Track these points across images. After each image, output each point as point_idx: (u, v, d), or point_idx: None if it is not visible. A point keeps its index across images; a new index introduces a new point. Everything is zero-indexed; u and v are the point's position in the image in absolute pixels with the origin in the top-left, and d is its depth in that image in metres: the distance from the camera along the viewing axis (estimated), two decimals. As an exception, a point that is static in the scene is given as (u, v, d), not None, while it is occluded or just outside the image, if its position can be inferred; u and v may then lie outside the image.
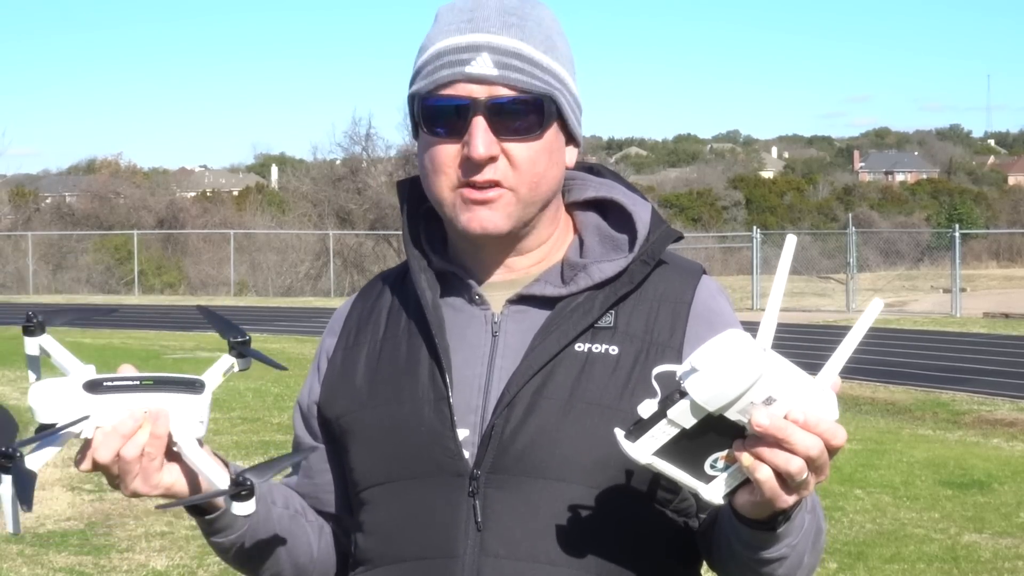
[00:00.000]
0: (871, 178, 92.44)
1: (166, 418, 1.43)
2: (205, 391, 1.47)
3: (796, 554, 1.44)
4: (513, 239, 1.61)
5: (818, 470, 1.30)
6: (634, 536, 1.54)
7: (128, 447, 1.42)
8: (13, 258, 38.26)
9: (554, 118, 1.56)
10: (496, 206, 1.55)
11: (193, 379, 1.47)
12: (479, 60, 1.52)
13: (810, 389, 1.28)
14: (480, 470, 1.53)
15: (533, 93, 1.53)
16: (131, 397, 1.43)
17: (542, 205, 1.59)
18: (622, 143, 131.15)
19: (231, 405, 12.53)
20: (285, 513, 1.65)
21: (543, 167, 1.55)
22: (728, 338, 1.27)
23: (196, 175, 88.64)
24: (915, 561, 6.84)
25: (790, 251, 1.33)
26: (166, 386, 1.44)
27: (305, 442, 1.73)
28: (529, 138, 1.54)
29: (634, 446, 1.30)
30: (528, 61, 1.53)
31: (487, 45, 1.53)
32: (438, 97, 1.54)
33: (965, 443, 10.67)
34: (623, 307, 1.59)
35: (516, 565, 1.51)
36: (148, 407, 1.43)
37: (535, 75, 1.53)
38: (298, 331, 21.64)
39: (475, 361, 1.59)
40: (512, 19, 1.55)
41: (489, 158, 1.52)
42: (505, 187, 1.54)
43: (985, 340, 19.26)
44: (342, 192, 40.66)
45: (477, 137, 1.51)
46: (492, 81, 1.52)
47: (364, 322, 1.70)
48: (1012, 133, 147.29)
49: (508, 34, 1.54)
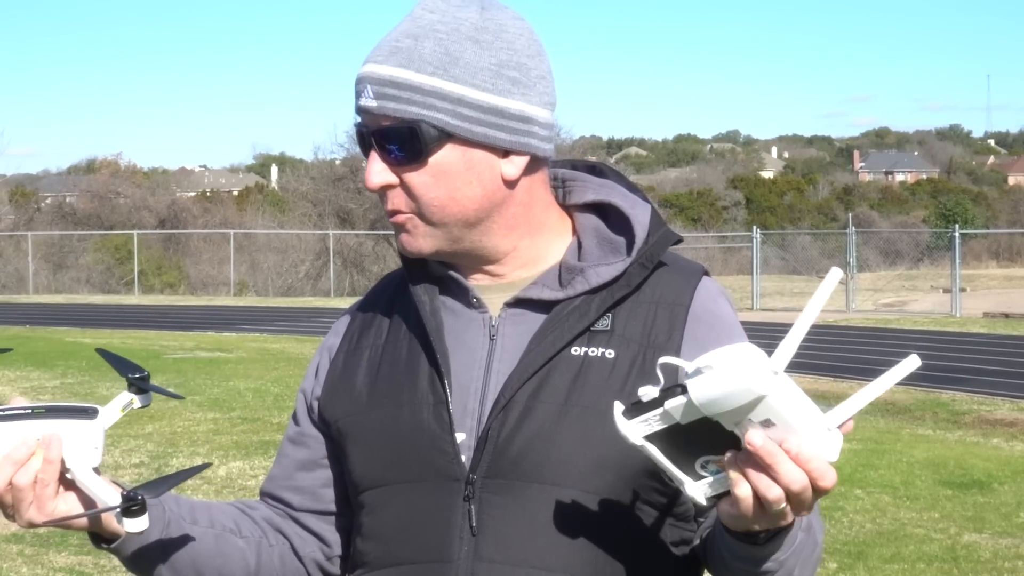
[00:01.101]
0: (871, 178, 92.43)
1: (59, 443, 1.43)
2: (98, 417, 1.46)
3: (785, 571, 1.42)
4: (465, 254, 1.60)
5: (798, 505, 1.29)
6: (630, 541, 1.54)
7: (20, 474, 1.43)
8: (13, 258, 38.25)
9: (437, 141, 1.52)
10: (407, 228, 1.57)
11: (86, 407, 1.47)
12: (364, 92, 1.54)
13: (814, 424, 1.27)
14: (476, 474, 1.53)
15: (406, 120, 1.51)
16: (23, 425, 1.43)
17: (466, 223, 1.57)
18: (622, 143, 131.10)
19: (231, 405, 12.54)
20: (209, 532, 1.64)
21: (443, 191, 1.54)
22: (743, 350, 1.26)
23: (196, 175, 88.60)
24: (915, 561, 6.84)
25: (832, 284, 1.30)
26: (58, 413, 1.45)
27: (309, 431, 1.72)
28: (414, 165, 1.53)
29: (628, 424, 1.31)
30: (404, 87, 1.51)
31: (370, 76, 1.53)
32: (355, 126, 1.58)
33: (965, 443, 10.67)
34: (620, 310, 1.59)
35: (510, 570, 1.50)
36: (40, 434, 1.43)
37: (412, 100, 1.51)
38: (298, 331, 21.65)
39: (473, 365, 1.59)
40: (405, 42, 1.53)
41: (382, 187, 1.55)
42: (408, 212, 1.56)
43: (985, 340, 19.26)
44: (342, 192, 40.66)
45: (369, 169, 1.55)
46: (373, 112, 1.53)
47: (367, 326, 1.70)
48: (1012, 133, 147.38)
49: (390, 62, 1.52)
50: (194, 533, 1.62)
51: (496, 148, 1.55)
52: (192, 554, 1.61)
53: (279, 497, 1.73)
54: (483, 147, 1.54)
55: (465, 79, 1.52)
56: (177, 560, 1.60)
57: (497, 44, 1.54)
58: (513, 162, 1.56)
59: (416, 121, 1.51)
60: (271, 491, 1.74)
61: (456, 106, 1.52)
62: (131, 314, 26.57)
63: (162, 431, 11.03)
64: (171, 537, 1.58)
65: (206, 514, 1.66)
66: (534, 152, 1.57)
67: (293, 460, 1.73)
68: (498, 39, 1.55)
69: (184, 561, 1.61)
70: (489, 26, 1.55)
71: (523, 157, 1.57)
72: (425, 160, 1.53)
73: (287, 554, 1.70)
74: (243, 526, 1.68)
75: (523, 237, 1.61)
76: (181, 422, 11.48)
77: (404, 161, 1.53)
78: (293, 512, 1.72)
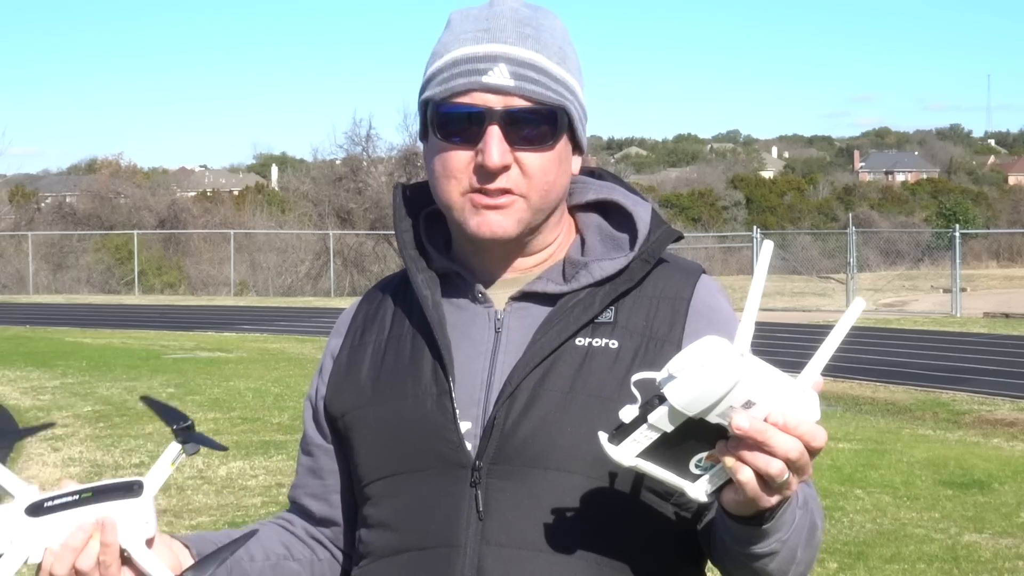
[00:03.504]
0: (871, 178, 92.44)
1: (114, 527, 1.45)
2: (145, 492, 1.48)
3: (787, 549, 1.45)
4: (519, 243, 1.63)
5: (799, 471, 1.31)
6: (634, 527, 1.56)
7: (83, 559, 1.44)
8: (14, 258, 38.27)
9: (565, 129, 1.59)
10: (507, 211, 1.58)
11: (131, 482, 1.49)
12: (496, 70, 1.54)
13: (791, 391, 1.29)
14: (482, 461, 1.55)
15: (547, 105, 1.56)
16: (75, 513, 1.45)
17: (550, 212, 1.62)
18: (622, 143, 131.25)
19: (231, 405, 12.54)
20: (266, 564, 1.68)
21: (554, 176, 1.59)
22: (705, 344, 1.29)
23: (196, 175, 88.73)
24: (915, 561, 6.84)
25: (767, 256, 1.34)
26: (106, 495, 1.46)
27: (315, 440, 1.75)
28: (542, 148, 1.57)
29: (617, 449, 1.32)
30: (543, 73, 1.56)
31: (504, 56, 1.55)
32: (453, 104, 1.57)
33: (965, 443, 10.67)
34: (623, 303, 1.62)
35: (517, 553, 1.52)
36: (95, 517, 1.45)
37: (549, 86, 1.56)
38: (298, 331, 21.65)
39: (478, 356, 1.61)
40: (527, 30, 1.58)
41: (503, 167, 1.55)
42: (516, 194, 1.57)
43: (985, 340, 19.26)
44: (342, 192, 40.67)
45: (492, 146, 1.54)
46: (508, 92, 1.55)
47: (370, 322, 1.72)
48: (1012, 133, 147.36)
49: (524, 45, 1.56)
50: (252, 571, 1.66)
51: (580, 146, 1.64)
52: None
53: (301, 504, 1.77)
54: (574, 142, 1.63)
55: (575, 75, 1.61)
56: None
57: (574, 48, 1.64)
58: (577, 160, 1.66)
59: (558, 106, 1.57)
60: (293, 497, 1.79)
61: (574, 99, 1.60)
62: (131, 314, 26.58)
63: (162, 431, 11.02)
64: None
65: (260, 547, 1.69)
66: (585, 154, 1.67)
67: (304, 467, 1.78)
68: (572, 44, 1.64)
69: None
70: (568, 31, 1.64)
71: (580, 157, 1.66)
72: (553, 145, 1.58)
73: (332, 562, 1.75)
74: (294, 549, 1.73)
75: (559, 233, 1.68)
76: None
77: (535, 142, 1.56)
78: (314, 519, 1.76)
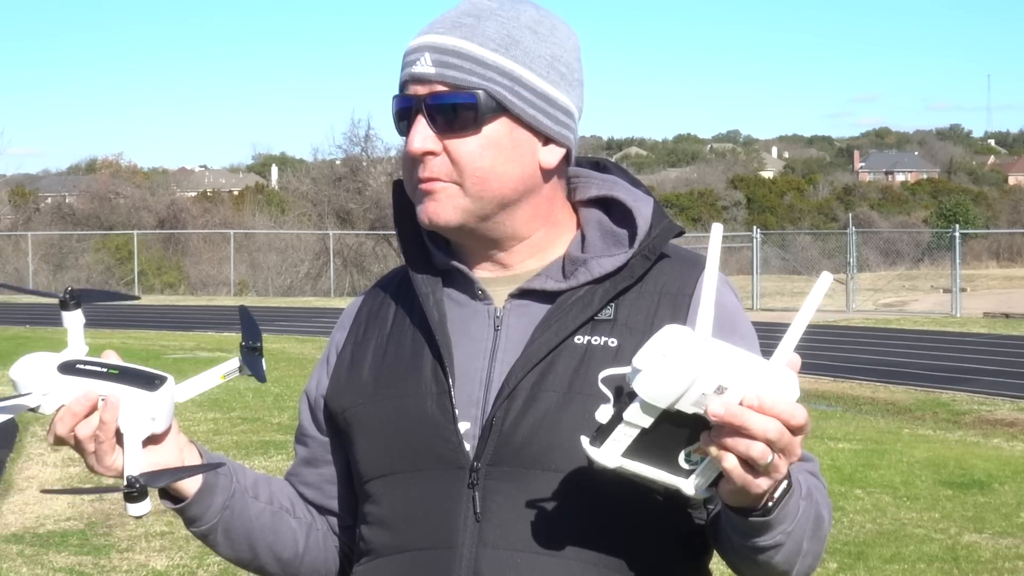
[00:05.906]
0: (871, 178, 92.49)
1: (114, 408, 1.50)
2: (162, 389, 1.52)
3: (792, 541, 1.44)
4: (484, 235, 1.62)
5: (784, 451, 1.31)
6: (634, 527, 1.55)
7: (81, 427, 1.51)
8: (13, 258, 38.28)
9: (494, 112, 1.56)
10: (439, 197, 1.58)
11: (157, 375, 1.53)
12: (421, 60, 1.57)
13: (764, 372, 1.28)
14: (480, 462, 1.55)
15: (466, 88, 1.55)
16: (91, 383, 1.50)
17: (501, 202, 1.59)
18: (622, 143, 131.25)
19: (231, 405, 12.54)
20: (268, 508, 1.70)
21: (488, 162, 1.56)
22: (667, 333, 1.28)
23: (196, 175, 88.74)
24: (915, 561, 6.84)
25: (717, 241, 1.32)
26: (126, 378, 1.51)
27: (310, 432, 1.76)
28: (465, 133, 1.56)
29: (599, 451, 1.32)
30: (466, 58, 1.55)
31: (428, 45, 1.57)
32: (396, 99, 1.61)
33: (965, 443, 10.67)
34: (624, 301, 1.61)
35: (514, 556, 1.52)
36: (105, 394, 1.50)
37: (473, 71, 1.55)
38: (298, 331, 21.65)
39: (477, 354, 1.61)
40: (467, 20, 1.58)
41: (424, 153, 1.56)
42: (447, 181, 1.57)
43: (985, 340, 19.26)
44: (342, 192, 40.67)
45: (413, 133, 1.56)
46: (430, 79, 1.56)
47: (372, 318, 1.73)
48: (1012, 133, 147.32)
49: (453, 34, 1.57)
50: (254, 508, 1.68)
51: (540, 133, 1.60)
52: (248, 528, 1.68)
53: (296, 491, 1.78)
54: (530, 129, 1.59)
55: (524, 61, 1.58)
56: (233, 531, 1.66)
57: (551, 39, 1.61)
58: (552, 151, 1.61)
59: (476, 89, 1.55)
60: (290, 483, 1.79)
61: (514, 84, 1.57)
62: (131, 314, 26.57)
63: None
64: (232, 508, 1.65)
65: (267, 490, 1.72)
66: (570, 146, 1.63)
67: (299, 457, 1.79)
68: (552, 34, 1.61)
69: (240, 533, 1.67)
70: (545, 22, 1.62)
71: (561, 149, 1.62)
72: (479, 129, 1.56)
73: (328, 535, 1.76)
74: (297, 507, 1.74)
75: (540, 228, 1.65)
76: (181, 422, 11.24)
77: (456, 128, 1.56)
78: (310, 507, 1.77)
